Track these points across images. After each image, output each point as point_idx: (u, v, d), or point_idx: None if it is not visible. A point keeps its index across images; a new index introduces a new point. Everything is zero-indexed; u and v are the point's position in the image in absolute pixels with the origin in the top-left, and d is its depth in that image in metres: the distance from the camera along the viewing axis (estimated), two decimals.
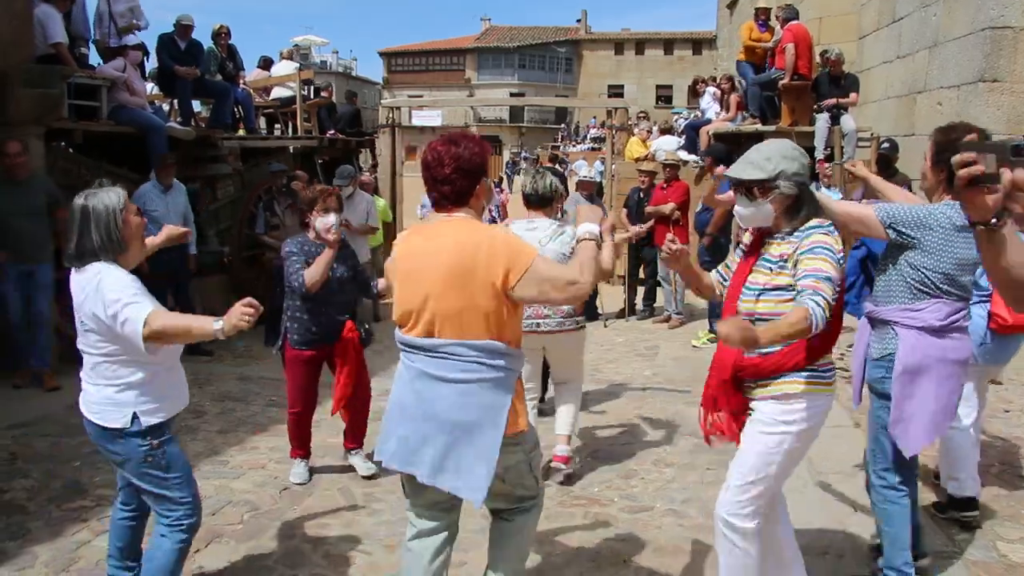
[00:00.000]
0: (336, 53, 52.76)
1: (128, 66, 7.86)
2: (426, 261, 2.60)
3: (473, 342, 2.54)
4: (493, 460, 2.54)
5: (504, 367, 2.60)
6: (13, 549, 3.76)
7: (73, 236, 2.85)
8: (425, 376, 2.61)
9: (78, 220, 2.86)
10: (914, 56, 9.56)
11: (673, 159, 9.33)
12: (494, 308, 2.54)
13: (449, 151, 2.62)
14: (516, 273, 2.49)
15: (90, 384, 2.94)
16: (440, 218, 2.69)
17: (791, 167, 2.77)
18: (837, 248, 2.70)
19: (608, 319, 9.49)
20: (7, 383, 6.34)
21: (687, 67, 44.51)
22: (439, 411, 2.58)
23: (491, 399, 2.58)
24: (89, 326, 2.84)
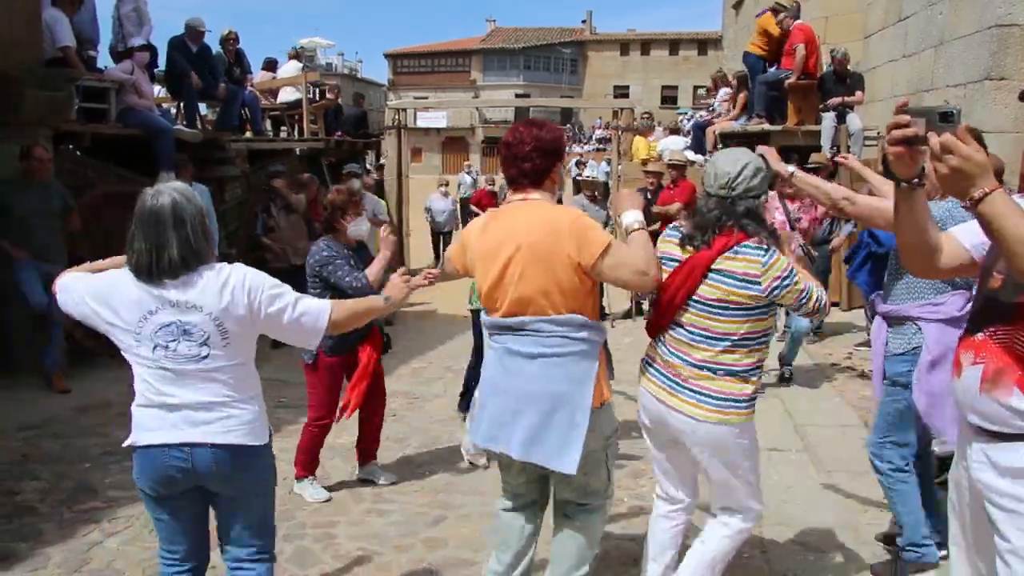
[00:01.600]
0: (342, 55, 52.92)
1: (136, 68, 7.90)
2: (507, 243, 2.70)
3: (556, 317, 2.66)
4: (583, 429, 2.65)
5: (587, 339, 2.70)
6: (25, 551, 3.78)
7: (153, 248, 2.43)
8: (512, 354, 2.73)
9: (166, 225, 2.44)
10: (920, 55, 9.55)
11: (679, 159, 9.33)
12: (576, 285, 2.66)
13: (531, 131, 2.74)
14: (596, 252, 2.60)
15: (232, 404, 2.52)
16: (517, 201, 2.79)
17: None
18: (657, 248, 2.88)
19: (615, 319, 9.48)
20: (15, 386, 6.36)
21: (692, 68, 44.54)
22: (527, 386, 2.70)
23: (577, 370, 2.68)
24: (232, 331, 2.49)
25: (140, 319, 2.45)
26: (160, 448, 2.48)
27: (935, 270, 2.14)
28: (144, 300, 2.45)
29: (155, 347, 2.45)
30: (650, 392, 2.90)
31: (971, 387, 2.03)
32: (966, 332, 2.10)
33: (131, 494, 4.38)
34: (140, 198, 2.52)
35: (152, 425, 2.51)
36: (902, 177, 1.91)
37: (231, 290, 2.47)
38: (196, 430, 2.47)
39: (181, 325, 2.44)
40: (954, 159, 1.77)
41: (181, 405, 2.48)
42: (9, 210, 6.21)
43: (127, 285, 2.47)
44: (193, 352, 2.46)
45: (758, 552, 3.73)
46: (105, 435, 5.35)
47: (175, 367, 2.46)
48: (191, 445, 2.47)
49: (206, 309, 2.45)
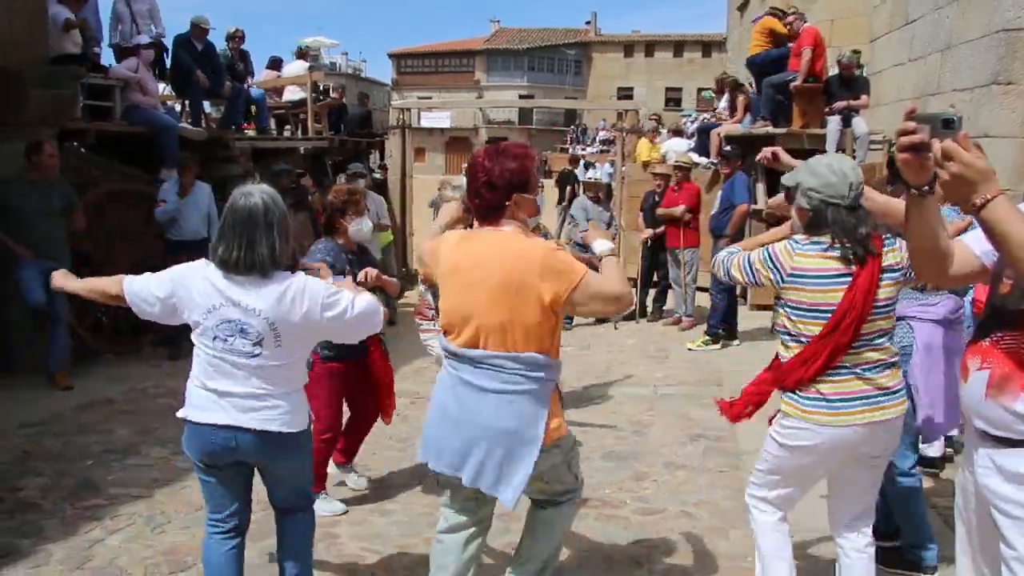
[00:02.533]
0: (346, 55, 52.91)
1: (141, 66, 7.90)
2: (474, 273, 2.64)
3: (516, 354, 2.61)
4: (530, 466, 2.63)
5: (543, 379, 2.66)
6: (27, 547, 3.78)
7: (243, 244, 2.65)
8: (467, 385, 2.68)
9: (259, 226, 2.67)
10: (927, 59, 9.52)
11: (685, 161, 9.32)
12: (539, 322, 2.60)
13: (482, 164, 2.67)
14: (566, 289, 2.55)
15: (275, 396, 2.76)
16: (488, 230, 2.72)
17: (809, 181, 2.75)
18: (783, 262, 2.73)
19: (618, 321, 9.46)
20: (17, 384, 6.36)
21: (697, 69, 44.49)
22: (480, 419, 2.65)
23: (531, 408, 2.64)
24: (285, 335, 2.70)
25: (205, 312, 2.71)
26: (209, 427, 2.75)
27: (946, 277, 2.13)
28: (211, 295, 2.70)
29: (215, 338, 2.71)
30: (850, 423, 2.68)
31: (977, 392, 2.02)
32: (974, 338, 2.09)
33: (132, 492, 4.40)
34: (231, 197, 2.75)
35: (203, 405, 2.77)
36: (912, 184, 1.91)
37: (290, 299, 2.69)
38: (243, 416, 2.73)
39: (240, 324, 2.68)
40: (955, 165, 1.77)
41: (230, 393, 2.73)
42: (13, 208, 6.21)
43: (198, 279, 2.73)
44: (247, 349, 2.70)
45: None
46: (107, 432, 5.36)
47: (229, 359, 2.71)
48: (237, 428, 2.73)
49: (264, 313, 2.67)
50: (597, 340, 8.74)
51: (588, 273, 2.59)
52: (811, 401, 2.72)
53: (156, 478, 4.59)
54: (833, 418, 2.69)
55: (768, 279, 2.78)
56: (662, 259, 9.42)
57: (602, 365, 7.59)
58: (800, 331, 2.73)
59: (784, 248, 2.76)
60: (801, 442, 2.76)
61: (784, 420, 2.81)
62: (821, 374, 2.68)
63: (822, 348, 2.66)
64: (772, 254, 2.77)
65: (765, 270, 2.78)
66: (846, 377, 2.69)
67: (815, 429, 2.71)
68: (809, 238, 2.74)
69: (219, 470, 2.85)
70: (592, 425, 5.71)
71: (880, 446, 2.79)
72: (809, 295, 2.68)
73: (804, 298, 2.70)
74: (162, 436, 5.28)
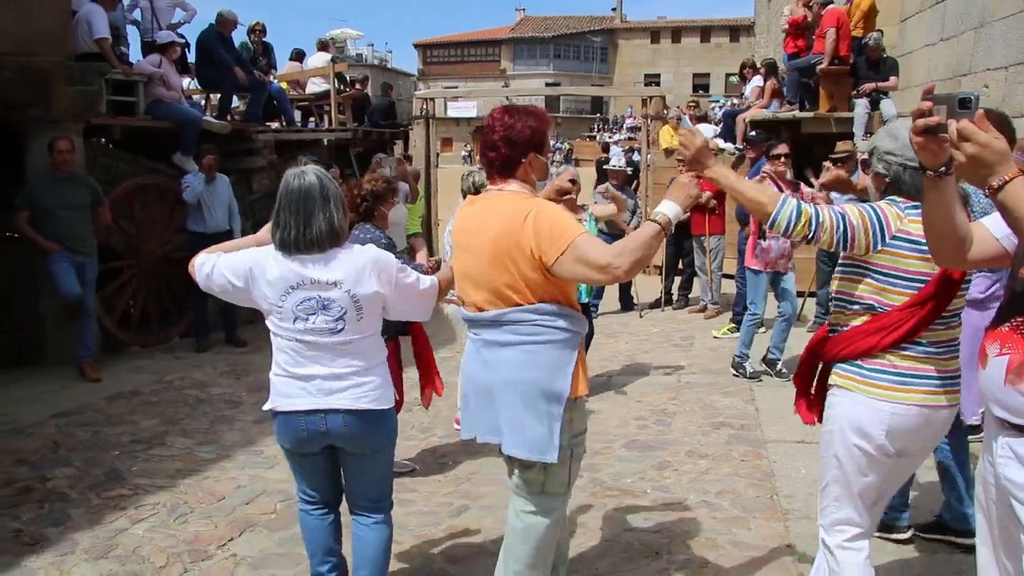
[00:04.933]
0: (372, 46, 53.04)
1: (164, 61, 7.97)
2: (477, 235, 2.64)
3: (532, 305, 2.58)
4: (559, 418, 2.57)
5: (566, 328, 2.61)
6: (55, 535, 3.84)
7: (301, 222, 2.65)
8: (490, 344, 2.67)
9: (316, 201, 2.67)
10: (959, 38, 9.30)
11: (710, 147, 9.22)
12: (545, 278, 2.55)
13: (502, 119, 2.63)
14: (555, 251, 2.47)
15: (361, 373, 2.78)
16: (492, 191, 2.71)
17: (886, 144, 2.53)
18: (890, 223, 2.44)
19: (643, 309, 9.42)
20: (50, 375, 6.47)
21: (724, 55, 44.01)
22: (505, 373, 2.62)
23: (554, 359, 2.59)
24: (366, 307, 2.73)
25: (282, 294, 2.70)
26: (298, 414, 2.77)
27: (964, 261, 2.07)
28: (287, 276, 2.69)
29: (295, 319, 2.71)
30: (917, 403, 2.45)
31: (996, 379, 1.96)
32: (993, 323, 2.03)
33: (156, 482, 4.46)
34: (284, 178, 2.74)
35: (289, 392, 2.79)
36: (928, 166, 1.87)
37: (365, 267, 2.71)
38: (330, 398, 2.75)
39: (321, 300, 2.69)
40: (971, 146, 1.72)
41: (315, 376, 2.75)
42: (41, 204, 6.31)
43: (270, 263, 2.72)
44: (329, 325, 2.71)
45: (784, 546, 3.67)
46: (134, 423, 5.43)
47: (311, 339, 2.72)
48: (325, 412, 2.75)
49: (344, 285, 2.69)
50: (622, 328, 8.70)
51: (579, 237, 2.47)
52: (876, 373, 2.46)
53: (180, 469, 4.64)
54: (900, 394, 2.43)
55: (865, 237, 2.43)
56: (687, 246, 9.34)
57: (626, 353, 7.55)
58: (884, 300, 2.46)
59: (893, 210, 2.46)
60: (856, 417, 2.48)
61: (837, 395, 2.55)
62: (897, 345, 2.44)
63: (908, 317, 2.41)
64: (880, 213, 2.45)
65: (867, 227, 2.42)
66: (920, 355, 2.45)
67: (874, 403, 2.45)
68: (908, 202, 2.48)
69: (310, 458, 2.89)
70: (615, 414, 5.69)
71: (930, 439, 2.56)
72: (906, 261, 2.42)
73: (903, 265, 2.43)
74: (187, 427, 5.34)
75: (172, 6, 9.10)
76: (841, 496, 2.58)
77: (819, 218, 2.44)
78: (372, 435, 2.85)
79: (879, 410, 2.45)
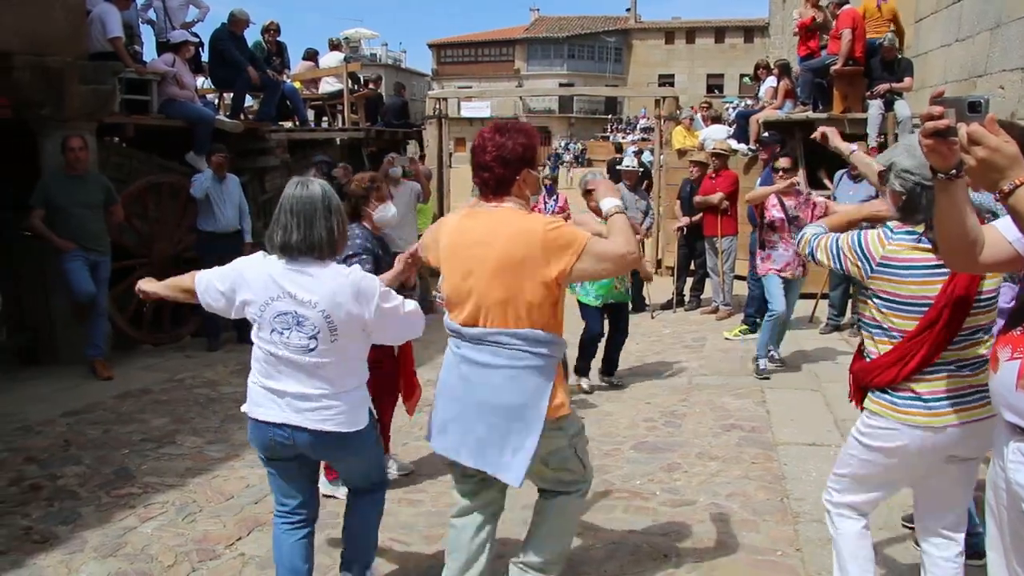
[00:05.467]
0: (386, 46, 53.11)
1: (177, 60, 8.00)
2: (475, 251, 2.66)
3: (518, 331, 2.62)
4: (533, 443, 2.63)
5: (547, 355, 2.67)
6: (64, 533, 3.85)
7: (302, 225, 2.66)
8: (470, 362, 2.70)
9: (317, 209, 2.69)
10: (974, 38, 9.22)
11: (722, 148, 9.17)
12: (541, 299, 2.61)
13: (493, 139, 2.67)
14: (570, 260, 2.57)
15: (332, 396, 2.75)
16: (488, 207, 2.72)
17: (904, 162, 2.51)
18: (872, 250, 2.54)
19: (655, 310, 9.38)
20: (61, 373, 6.50)
21: (739, 55, 43.81)
22: (483, 396, 2.67)
23: (534, 384, 2.66)
24: (342, 329, 2.69)
25: (264, 304, 2.71)
26: (267, 424, 2.78)
27: (976, 265, 2.04)
28: (269, 286, 2.70)
29: (271, 331, 2.71)
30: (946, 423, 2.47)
31: (1008, 383, 1.93)
32: (1004, 327, 2.00)
33: (165, 480, 4.47)
34: (288, 186, 2.78)
35: (262, 402, 2.80)
36: (939, 169, 1.84)
37: (344, 290, 2.67)
38: (298, 415, 2.74)
39: (296, 316, 2.67)
40: (981, 150, 1.70)
41: (285, 392, 2.74)
42: (56, 202, 6.34)
43: (256, 270, 2.75)
44: (303, 343, 2.68)
45: (793, 550, 3.64)
46: (144, 421, 5.45)
47: (284, 355, 2.70)
48: (293, 427, 2.74)
49: (320, 305, 2.65)
50: (633, 329, 8.59)
51: (590, 239, 2.60)
52: (906, 400, 2.52)
53: (189, 467, 4.65)
54: (930, 419, 2.48)
55: (856, 267, 2.58)
56: (699, 247, 9.30)
57: (637, 354, 7.52)
58: (893, 325, 2.52)
59: (877, 236, 2.55)
60: (891, 443, 2.55)
61: (871, 419, 2.61)
62: (916, 373, 2.49)
63: (918, 345, 2.46)
64: (863, 242, 2.57)
65: (853, 257, 2.58)
66: (942, 375, 2.49)
67: (905, 430, 2.51)
68: (903, 226, 2.54)
69: (282, 463, 2.88)
70: (625, 415, 5.67)
71: (973, 448, 2.56)
72: (904, 287, 2.48)
73: (898, 290, 2.49)
74: (197, 426, 5.36)
75: (185, 4, 9.13)
76: (854, 488, 2.75)
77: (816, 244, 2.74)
78: (341, 452, 2.88)
79: (910, 435, 2.53)
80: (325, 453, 2.87)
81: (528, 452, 2.63)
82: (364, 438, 2.89)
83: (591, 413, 5.63)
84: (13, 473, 4.57)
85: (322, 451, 2.83)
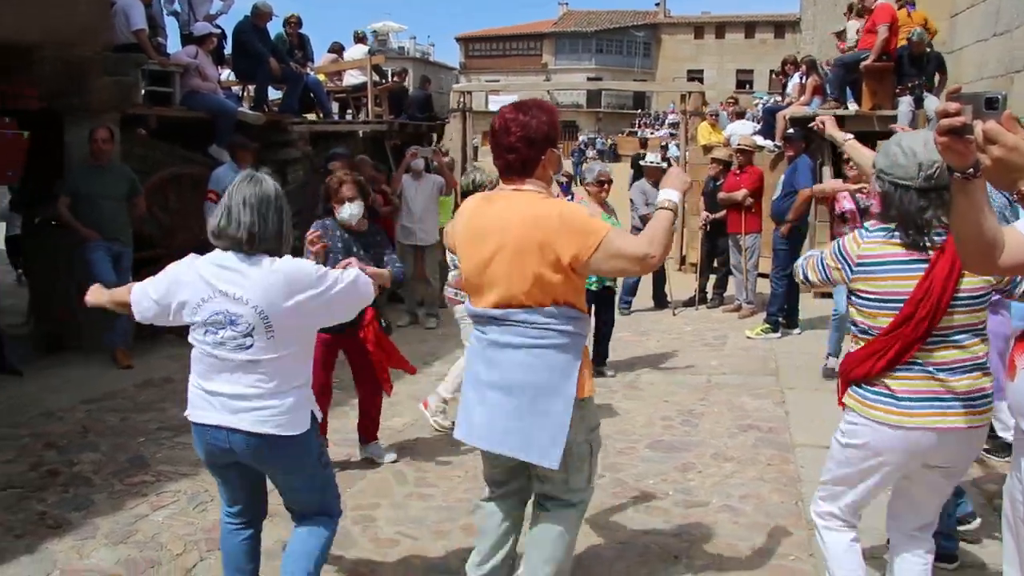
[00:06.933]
0: (414, 39, 53.16)
1: (200, 52, 8.04)
2: (493, 235, 2.61)
3: (541, 308, 2.57)
4: (565, 423, 2.56)
5: (572, 332, 2.61)
6: (77, 519, 3.89)
7: (247, 219, 2.61)
8: (496, 344, 2.65)
9: (264, 204, 2.64)
10: (1012, 33, 9.03)
11: (747, 144, 9.05)
12: (561, 280, 2.55)
13: (516, 119, 2.60)
14: (587, 250, 2.49)
15: (268, 396, 2.64)
16: (508, 190, 2.67)
17: (880, 162, 2.52)
18: (849, 252, 2.54)
19: (677, 307, 9.30)
20: (85, 361, 6.57)
21: (769, 51, 43.27)
22: (509, 376, 2.61)
23: (560, 361, 2.60)
24: (277, 324, 2.60)
25: (197, 304, 2.63)
26: (205, 427, 2.70)
27: (995, 267, 1.97)
28: (201, 288, 2.63)
29: (205, 332, 2.63)
30: (919, 425, 2.44)
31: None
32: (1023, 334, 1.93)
33: (179, 469, 4.49)
34: (237, 179, 2.73)
35: (200, 404, 2.72)
36: (955, 168, 1.77)
37: (275, 285, 2.59)
38: (234, 416, 2.64)
39: (229, 314, 2.59)
40: (998, 149, 1.62)
41: (219, 393, 2.65)
42: (81, 193, 6.41)
43: (189, 273, 2.67)
44: (238, 341, 2.60)
45: (806, 555, 3.57)
46: (162, 410, 5.50)
47: (220, 354, 2.62)
48: (229, 429, 2.64)
49: (252, 302, 2.58)
50: (655, 326, 8.61)
51: (610, 231, 2.52)
52: (877, 396, 2.50)
53: None
54: (901, 417, 2.44)
55: (838, 271, 2.57)
56: (723, 244, 9.20)
57: (657, 351, 7.46)
58: (872, 324, 2.51)
59: (853, 237, 2.57)
60: (859, 439, 2.54)
61: (847, 415, 2.61)
62: (890, 370, 2.46)
63: (892, 342, 2.44)
64: (840, 245, 2.58)
65: (835, 263, 2.58)
66: (918, 375, 2.45)
67: (876, 427, 2.48)
68: (879, 223, 2.54)
69: (225, 469, 2.80)
70: (641, 413, 5.62)
71: (953, 457, 2.53)
72: (878, 283, 2.47)
73: (873, 287, 2.48)
74: None
75: None
76: (838, 494, 2.70)
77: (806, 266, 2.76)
78: (279, 460, 2.74)
79: (881, 433, 2.48)
80: (262, 460, 2.72)
81: (562, 431, 2.55)
82: (305, 445, 2.74)
83: (608, 410, 5.59)
84: (33, 458, 4.63)
85: (259, 457, 2.70)
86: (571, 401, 2.56)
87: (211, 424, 2.67)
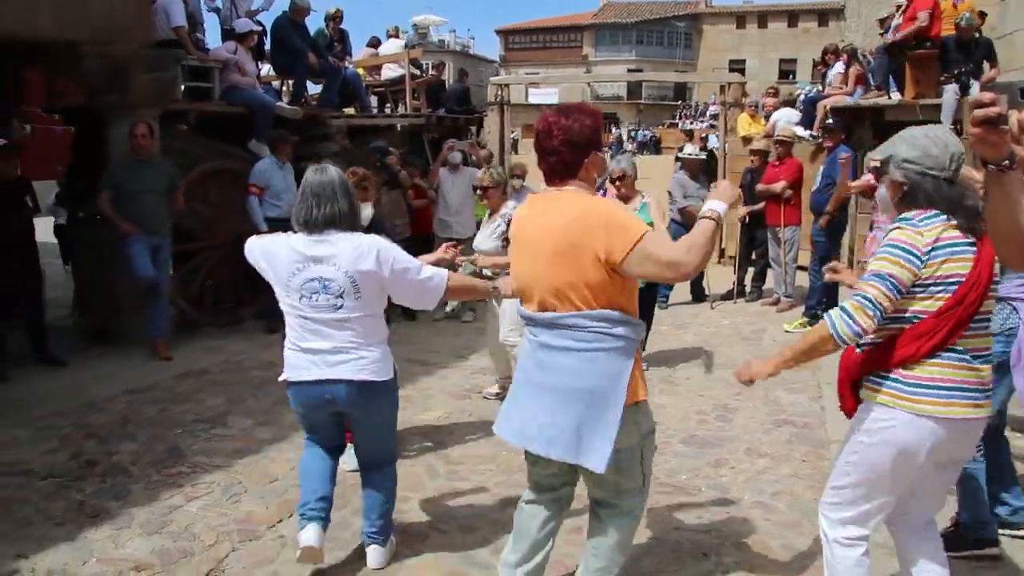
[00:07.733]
0: (454, 32, 53.33)
1: (239, 48, 8.13)
2: (537, 236, 2.63)
3: (591, 312, 2.55)
4: (614, 427, 2.55)
5: (624, 335, 2.59)
6: (115, 509, 3.97)
7: (324, 203, 3.06)
8: (547, 347, 2.65)
9: (334, 188, 3.09)
10: None
11: (786, 135, 8.89)
12: (605, 280, 2.53)
13: (558, 122, 2.61)
14: (622, 250, 2.47)
15: (362, 348, 3.12)
16: (552, 192, 2.69)
17: (905, 152, 2.46)
18: (916, 244, 2.37)
19: (715, 300, 9.20)
20: (127, 352, 6.71)
21: (812, 40, 42.43)
22: (560, 380, 2.61)
23: (612, 366, 2.58)
24: (363, 286, 3.05)
25: (290, 273, 3.08)
26: (307, 384, 3.16)
27: None
28: (294, 257, 3.07)
29: (300, 297, 3.08)
30: (959, 415, 2.38)
31: None
32: None
33: (213, 461, 4.56)
34: (307, 172, 3.18)
35: (298, 364, 3.17)
36: (990, 159, 1.71)
37: (363, 248, 3.04)
38: (333, 369, 3.10)
39: (322, 281, 3.04)
40: None
41: (320, 350, 3.11)
42: (122, 188, 6.52)
43: (283, 245, 3.12)
44: (331, 302, 3.06)
45: None
46: (199, 402, 5.59)
47: (315, 316, 3.08)
48: (331, 382, 3.11)
49: (343, 267, 3.03)
50: (692, 320, 8.52)
51: (648, 234, 2.49)
52: (919, 388, 2.38)
53: (238, 449, 4.74)
54: (944, 408, 2.36)
55: (909, 272, 2.37)
56: (761, 237, 9.07)
57: (694, 345, 7.38)
58: (915, 310, 2.39)
59: (909, 233, 2.39)
60: (900, 436, 2.41)
61: (875, 411, 2.47)
62: (934, 355, 2.37)
63: (944, 323, 2.35)
64: (905, 246, 2.38)
65: (909, 266, 2.36)
66: (957, 363, 2.38)
67: (920, 421, 2.37)
68: (920, 214, 2.41)
69: (317, 418, 3.31)
70: (677, 408, 5.56)
71: (971, 448, 2.54)
72: (943, 267, 2.36)
73: (937, 272, 2.36)
74: (250, 407, 5.46)
75: None
76: (857, 500, 2.58)
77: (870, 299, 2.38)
78: (373, 402, 3.20)
79: (923, 427, 2.39)
80: (361, 404, 3.17)
81: (610, 436, 2.53)
82: (391, 390, 3.29)
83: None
84: (74, 448, 4.74)
85: (358, 402, 3.16)
86: (621, 406, 2.55)
87: (312, 380, 3.12)
